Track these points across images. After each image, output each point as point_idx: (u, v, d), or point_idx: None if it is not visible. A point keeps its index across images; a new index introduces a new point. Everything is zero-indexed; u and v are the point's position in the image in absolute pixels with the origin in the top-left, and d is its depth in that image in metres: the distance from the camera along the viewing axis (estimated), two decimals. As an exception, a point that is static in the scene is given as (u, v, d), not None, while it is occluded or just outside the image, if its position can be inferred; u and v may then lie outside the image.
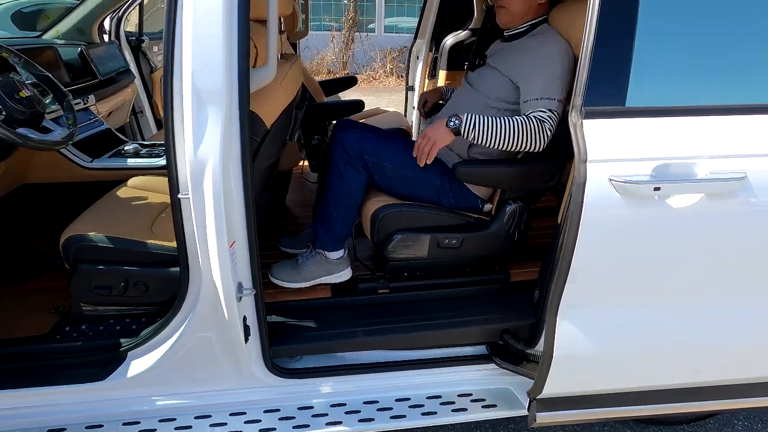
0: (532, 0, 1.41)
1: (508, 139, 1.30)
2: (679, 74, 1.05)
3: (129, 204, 1.63)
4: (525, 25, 1.46)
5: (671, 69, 1.04)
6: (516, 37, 1.48)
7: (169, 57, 1.00)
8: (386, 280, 1.59)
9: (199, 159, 1.04)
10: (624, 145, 1.03)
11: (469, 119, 1.32)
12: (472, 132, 1.32)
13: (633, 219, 1.05)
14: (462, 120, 1.32)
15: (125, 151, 1.93)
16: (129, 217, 1.52)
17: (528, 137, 1.29)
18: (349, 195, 1.47)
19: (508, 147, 1.32)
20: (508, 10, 1.44)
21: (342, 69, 9.29)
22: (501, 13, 1.46)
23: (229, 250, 1.14)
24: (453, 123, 1.33)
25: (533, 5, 1.43)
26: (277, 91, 1.26)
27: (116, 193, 1.68)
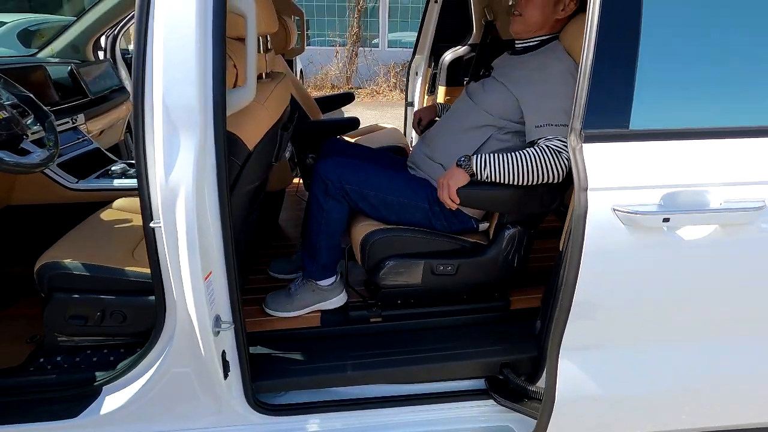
0: (550, 14, 1.34)
1: (524, 175, 1.23)
2: (688, 93, 0.96)
3: (111, 227, 1.57)
4: (537, 40, 1.39)
5: (679, 87, 0.95)
6: (526, 50, 1.41)
7: (139, 77, 0.94)
8: (378, 308, 1.51)
9: (171, 186, 0.97)
10: (628, 172, 0.94)
11: (480, 159, 1.25)
12: (485, 171, 1.25)
13: (640, 252, 0.96)
14: (471, 160, 1.26)
15: (112, 171, 1.88)
16: (110, 242, 1.46)
17: (545, 170, 1.21)
18: (330, 224, 1.40)
19: (524, 183, 1.25)
20: (525, 19, 1.36)
21: (346, 83, 9.33)
22: (516, 21, 1.38)
23: (205, 282, 1.06)
24: (463, 162, 1.27)
25: (550, 20, 1.35)
26: (259, 111, 1.20)
27: (99, 216, 1.62)
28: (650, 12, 0.88)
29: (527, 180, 1.23)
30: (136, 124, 0.98)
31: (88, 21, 2.39)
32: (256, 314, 1.55)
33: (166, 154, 0.96)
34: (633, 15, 0.88)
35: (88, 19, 2.39)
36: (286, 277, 1.74)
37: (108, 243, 1.45)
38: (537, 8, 1.33)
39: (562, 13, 1.34)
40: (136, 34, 0.93)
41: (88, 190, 1.81)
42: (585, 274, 0.96)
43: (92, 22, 2.39)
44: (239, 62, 1.11)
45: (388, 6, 9.90)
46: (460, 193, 1.31)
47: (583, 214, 0.92)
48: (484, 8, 2.47)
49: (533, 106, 1.27)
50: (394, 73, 9.29)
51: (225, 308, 1.16)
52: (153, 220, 1.04)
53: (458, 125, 1.41)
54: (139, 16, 0.92)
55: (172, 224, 1.00)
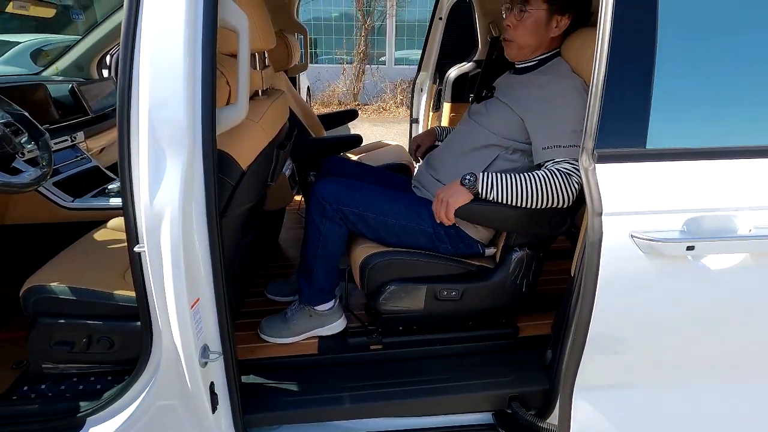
0: (544, 34, 1.29)
1: (532, 198, 1.16)
2: (711, 108, 0.87)
3: (104, 248, 1.52)
4: (537, 58, 1.34)
5: (702, 102, 0.87)
6: (527, 70, 1.35)
7: (125, 94, 0.90)
8: (379, 335, 1.43)
9: (156, 208, 0.92)
10: (647, 195, 0.87)
11: (487, 179, 1.19)
12: (491, 192, 1.18)
13: (662, 283, 0.87)
14: (478, 179, 1.19)
15: (109, 189, 1.84)
16: (101, 263, 1.41)
17: (554, 194, 1.14)
18: (328, 247, 1.33)
19: (531, 206, 1.18)
20: (517, 43, 1.31)
21: (353, 100, 9.39)
22: (510, 47, 1.34)
23: (191, 310, 1.00)
24: (468, 181, 1.20)
25: (545, 40, 1.30)
26: (254, 129, 1.15)
27: (92, 236, 1.57)
28: (667, 20, 0.81)
29: (535, 203, 1.17)
30: (121, 142, 0.93)
31: (93, 40, 2.39)
32: (250, 339, 1.48)
33: (152, 175, 0.91)
34: (648, 23, 0.81)
35: (92, 37, 2.39)
36: (284, 299, 1.67)
37: (99, 265, 1.40)
38: (528, 32, 1.28)
39: (556, 30, 1.28)
40: (122, 50, 0.89)
41: (83, 209, 1.77)
42: (601, 306, 0.87)
43: (97, 41, 2.39)
44: (232, 79, 1.07)
45: (395, 24, 10.02)
46: (465, 208, 1.24)
47: (597, 240, 0.84)
48: (489, 24, 2.44)
49: (539, 127, 1.21)
50: (400, 90, 9.34)
51: (214, 337, 1.09)
52: (138, 244, 0.99)
53: (464, 146, 1.35)
54: (125, 30, 0.88)
55: (157, 248, 0.94)
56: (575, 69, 1.26)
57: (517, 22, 1.27)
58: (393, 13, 9.83)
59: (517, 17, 1.27)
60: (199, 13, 0.88)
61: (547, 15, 1.25)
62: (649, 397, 0.97)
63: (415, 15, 10.16)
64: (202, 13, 0.88)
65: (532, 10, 1.25)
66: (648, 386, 0.98)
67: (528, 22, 1.26)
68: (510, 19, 1.29)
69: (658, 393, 0.97)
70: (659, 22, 0.81)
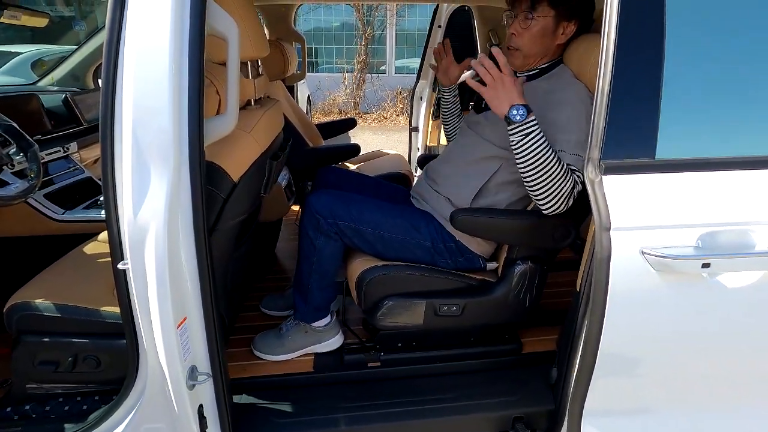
0: (550, 42, 1.24)
1: (545, 176, 1.04)
2: (726, 116, 0.82)
3: (94, 262, 1.48)
4: (540, 66, 1.29)
5: (714, 109, 0.81)
6: (530, 78, 1.30)
7: (108, 102, 0.86)
8: (377, 352, 1.38)
9: (140, 223, 0.87)
10: (658, 208, 0.82)
11: (536, 124, 1.05)
12: (529, 137, 1.04)
13: (674, 302, 0.82)
14: (528, 114, 1.04)
15: (101, 201, 1.79)
16: (90, 278, 1.36)
17: (560, 191, 1.06)
18: (323, 263, 1.28)
19: (537, 184, 1.06)
20: (523, 52, 1.25)
21: (353, 109, 9.40)
22: (515, 56, 1.26)
23: (178, 330, 0.95)
24: (513, 115, 1.03)
25: (551, 47, 1.25)
26: (245, 140, 1.11)
27: (82, 250, 1.52)
28: (675, 21, 0.76)
29: (542, 180, 1.05)
30: (104, 154, 0.89)
31: (89, 49, 2.37)
32: (243, 356, 1.42)
33: (135, 188, 0.87)
34: (655, 28, 0.76)
35: (89, 47, 2.37)
36: (279, 314, 1.62)
37: (88, 279, 1.35)
38: (535, 39, 1.22)
39: (563, 37, 1.24)
40: (105, 58, 0.85)
41: (74, 221, 1.73)
42: (610, 326, 0.82)
43: (93, 51, 2.37)
44: (222, 88, 1.03)
45: (395, 33, 10.06)
46: (466, 219, 1.18)
47: (606, 257, 0.79)
48: (488, 32, 2.41)
49: (546, 133, 1.15)
50: (400, 99, 9.34)
51: (203, 358, 1.04)
52: (122, 260, 0.94)
53: (465, 158, 1.31)
54: (109, 38, 0.85)
55: (141, 265, 0.90)
56: (578, 75, 1.22)
57: (523, 30, 1.21)
58: (393, 23, 9.88)
59: (523, 25, 1.21)
60: (186, 19, 0.85)
61: (554, 21, 1.21)
62: (663, 423, 0.91)
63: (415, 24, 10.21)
64: (189, 19, 0.85)
65: (540, 17, 1.19)
66: (661, 411, 0.92)
67: (535, 29, 1.20)
68: (515, 26, 1.23)
69: (672, 419, 0.91)
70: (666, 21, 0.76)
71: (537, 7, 1.19)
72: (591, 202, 0.82)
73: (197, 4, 0.85)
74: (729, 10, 0.80)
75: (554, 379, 1.24)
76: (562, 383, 1.16)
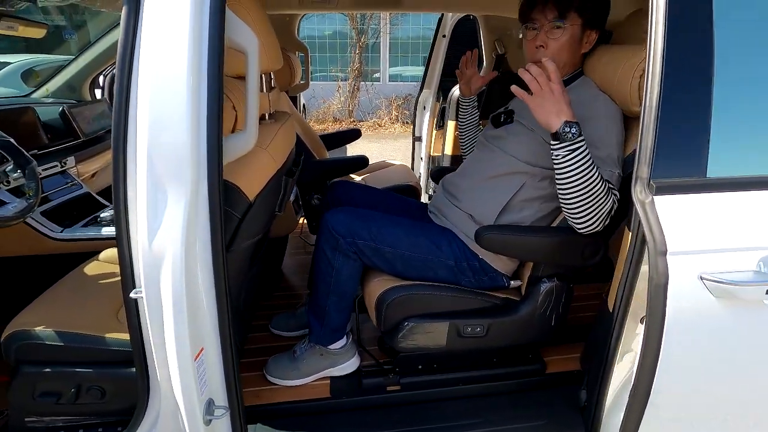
0: (577, 51, 1.20)
1: (586, 195, 1.00)
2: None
3: (95, 283, 1.40)
4: (563, 78, 1.25)
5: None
6: None
7: (120, 122, 0.80)
8: (396, 375, 1.32)
9: (155, 250, 0.81)
10: (714, 230, 0.78)
11: (584, 141, 1.00)
12: (576, 155, 0.99)
13: (737, 333, 0.78)
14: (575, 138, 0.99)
15: (101, 218, 1.72)
16: (92, 302, 1.29)
17: (600, 210, 1.02)
18: (341, 284, 1.22)
19: (577, 203, 1.02)
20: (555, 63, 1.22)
21: (348, 117, 9.38)
22: None
23: (195, 361, 0.89)
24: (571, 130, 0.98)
25: (577, 57, 1.22)
26: (262, 157, 1.05)
27: (82, 270, 1.45)
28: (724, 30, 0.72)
29: (580, 199, 1.01)
30: (116, 176, 0.83)
31: (86, 60, 2.30)
32: (256, 382, 1.35)
33: (150, 213, 0.81)
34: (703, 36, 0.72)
35: (85, 58, 2.30)
36: (290, 334, 1.56)
37: (89, 303, 1.28)
38: (565, 49, 1.18)
39: (587, 46, 1.21)
40: (118, 72, 0.80)
41: (73, 239, 1.65)
42: (665, 357, 0.77)
43: (90, 61, 2.30)
44: (239, 103, 0.98)
45: (389, 41, 10.08)
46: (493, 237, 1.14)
47: (663, 284, 0.74)
48: (494, 41, 2.39)
49: None
50: (395, 106, 9.34)
51: (219, 390, 0.97)
52: (134, 289, 0.88)
53: (486, 173, 1.26)
54: (122, 51, 0.79)
55: (156, 294, 0.84)
56: (602, 87, 1.18)
57: (551, 40, 1.17)
58: (387, 31, 9.90)
59: (552, 35, 1.17)
60: (204, 32, 0.80)
61: (581, 30, 1.18)
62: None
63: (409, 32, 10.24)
64: (207, 31, 0.80)
65: (569, 25, 1.15)
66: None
67: (564, 39, 1.16)
68: (542, 38, 1.18)
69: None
70: (715, 31, 0.73)
71: (567, 15, 1.15)
72: (643, 224, 0.78)
73: (216, 15, 0.80)
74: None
75: (583, 402, 1.19)
76: (594, 407, 1.12)
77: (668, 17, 0.73)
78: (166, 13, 0.78)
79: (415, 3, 1.91)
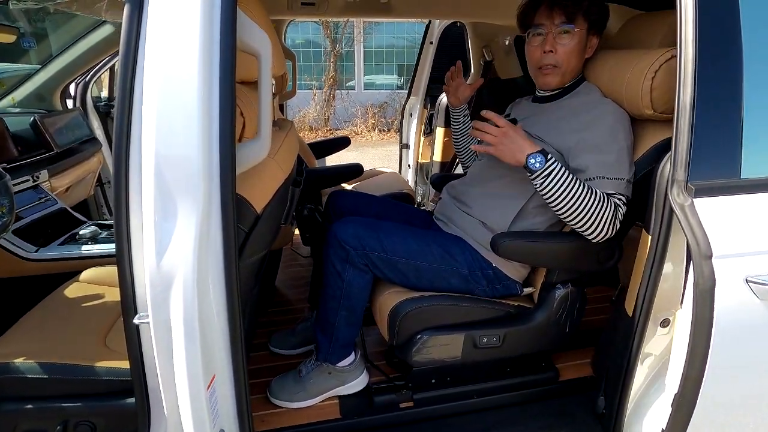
0: (583, 56, 1.20)
1: (581, 211, 1.01)
2: None
3: (78, 307, 1.29)
4: (566, 84, 1.24)
5: None
6: (554, 97, 1.25)
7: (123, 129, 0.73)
8: (409, 390, 1.26)
9: (164, 271, 0.74)
10: (756, 231, 0.77)
11: (556, 164, 1.03)
12: (552, 179, 1.01)
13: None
14: (546, 158, 1.02)
15: (80, 235, 1.60)
16: (76, 327, 1.19)
17: (601, 219, 1.02)
18: (352, 298, 1.17)
19: (573, 219, 1.04)
20: (562, 69, 1.18)
21: (324, 125, 9.31)
22: (552, 75, 1.19)
23: (208, 390, 0.81)
24: (532, 164, 1.02)
25: (582, 60, 1.21)
26: (270, 167, 0.99)
27: (63, 293, 1.34)
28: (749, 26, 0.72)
29: (577, 218, 1.03)
30: (118, 190, 0.76)
31: (56, 68, 2.17)
32: (260, 405, 1.27)
33: (159, 230, 0.73)
34: (732, 36, 0.72)
35: (55, 66, 2.17)
36: (292, 352, 1.48)
37: (74, 330, 1.17)
38: (574, 54, 1.17)
39: (590, 50, 1.21)
40: (120, 77, 0.72)
41: (49, 259, 1.53)
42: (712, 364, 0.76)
43: (60, 69, 2.17)
44: (247, 109, 0.91)
45: (363, 50, 10.11)
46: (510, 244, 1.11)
47: (710, 288, 0.73)
48: (482, 48, 2.40)
49: (582, 156, 1.10)
50: (371, 114, 9.35)
51: (231, 420, 0.90)
52: (137, 314, 0.80)
53: (497, 179, 1.23)
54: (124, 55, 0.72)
55: (165, 320, 0.76)
56: (608, 93, 1.18)
57: (559, 46, 1.16)
58: (361, 40, 9.93)
59: (560, 40, 1.16)
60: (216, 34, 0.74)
61: (586, 35, 1.18)
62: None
63: (383, 41, 10.31)
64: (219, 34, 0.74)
65: (577, 30, 1.15)
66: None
67: (573, 43, 1.16)
68: (550, 43, 1.16)
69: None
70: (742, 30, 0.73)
71: (575, 20, 1.14)
72: (684, 228, 0.76)
73: (228, 16, 0.74)
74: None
75: (601, 408, 1.17)
76: (615, 414, 1.10)
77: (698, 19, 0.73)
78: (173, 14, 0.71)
79: (404, 10, 1.88)
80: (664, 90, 1.03)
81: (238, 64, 0.88)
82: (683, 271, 0.93)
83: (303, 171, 1.36)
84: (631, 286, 1.06)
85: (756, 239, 0.77)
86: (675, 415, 0.81)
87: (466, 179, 1.35)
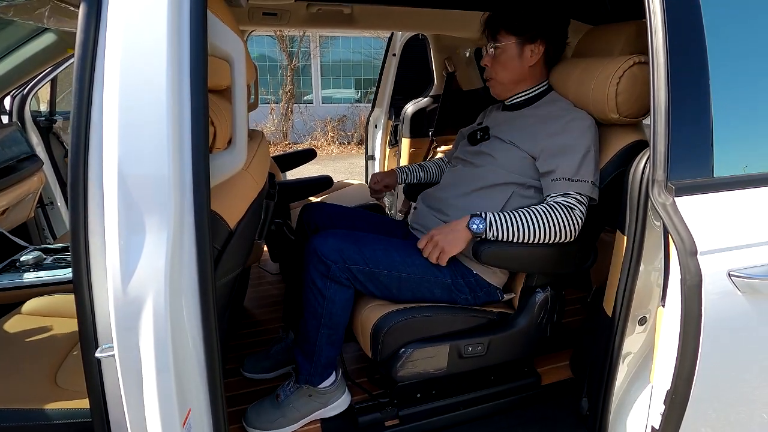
0: (520, 66, 1.26)
1: (535, 234, 1.09)
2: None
3: (21, 342, 1.16)
4: (528, 93, 1.30)
5: None
6: (521, 105, 1.30)
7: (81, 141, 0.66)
8: (394, 407, 1.22)
9: (131, 297, 0.66)
10: (735, 227, 0.80)
11: (494, 219, 1.10)
12: (497, 231, 1.09)
13: (764, 327, 0.80)
14: (486, 222, 1.09)
15: (21, 262, 1.45)
16: (21, 366, 1.06)
17: (557, 229, 1.08)
18: (333, 316, 1.12)
19: (535, 241, 1.10)
20: (497, 80, 1.30)
21: (283, 139, 9.17)
22: (493, 86, 1.33)
23: (183, 427, 0.73)
24: (477, 227, 1.09)
25: (524, 73, 1.27)
26: (243, 179, 0.93)
27: (3, 328, 1.20)
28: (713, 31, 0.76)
29: (537, 239, 1.09)
30: (75, 208, 0.68)
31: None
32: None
33: (124, 250, 0.66)
34: (698, 39, 0.76)
35: (-12, 76, 1.98)
36: (267, 376, 1.40)
37: (18, 369, 1.05)
38: (504, 67, 1.27)
39: (533, 59, 1.26)
40: (76, 86, 0.65)
41: (-14, 291, 1.36)
42: (703, 359, 0.77)
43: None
44: (217, 118, 0.86)
45: (320, 64, 10.11)
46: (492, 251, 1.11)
47: (697, 283, 0.75)
48: (444, 60, 2.44)
49: (551, 159, 1.14)
50: (331, 128, 9.31)
51: (209, 456, 0.81)
52: (99, 347, 0.71)
53: (474, 186, 1.24)
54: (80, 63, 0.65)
55: (133, 350, 0.68)
56: (576, 101, 1.22)
57: (491, 60, 1.27)
58: (317, 54, 9.92)
59: (491, 55, 1.27)
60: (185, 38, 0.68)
61: (518, 47, 1.25)
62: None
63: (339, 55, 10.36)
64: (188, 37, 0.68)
65: (501, 44, 1.25)
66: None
67: (501, 57, 1.26)
68: (486, 59, 1.29)
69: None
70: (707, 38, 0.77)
71: (497, 37, 1.25)
72: (668, 227, 0.78)
73: (198, 19, 0.69)
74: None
75: (585, 410, 1.18)
76: (599, 413, 1.11)
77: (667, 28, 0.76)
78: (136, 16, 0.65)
79: (367, 22, 1.88)
80: (628, 95, 1.08)
81: (212, 72, 0.82)
82: (657, 269, 0.96)
83: (276, 183, 1.30)
84: (609, 287, 1.08)
85: (735, 234, 0.81)
86: (669, 413, 0.82)
87: (441, 186, 1.35)
